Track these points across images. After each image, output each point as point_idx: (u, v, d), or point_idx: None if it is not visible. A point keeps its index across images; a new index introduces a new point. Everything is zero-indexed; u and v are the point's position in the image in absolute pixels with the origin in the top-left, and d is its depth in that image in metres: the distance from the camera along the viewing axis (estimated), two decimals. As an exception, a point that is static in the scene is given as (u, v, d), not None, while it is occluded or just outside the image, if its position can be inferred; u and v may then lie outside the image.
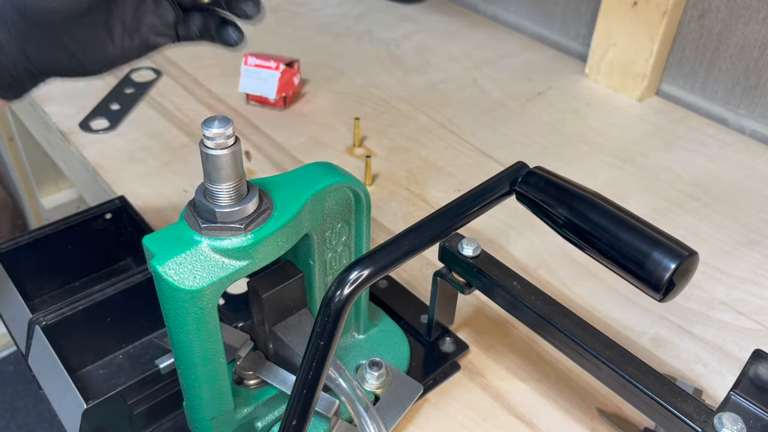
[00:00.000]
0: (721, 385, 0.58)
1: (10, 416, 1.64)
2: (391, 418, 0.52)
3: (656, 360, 0.60)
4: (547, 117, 0.93)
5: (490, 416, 0.55)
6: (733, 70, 0.90)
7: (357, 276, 0.42)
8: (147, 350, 0.63)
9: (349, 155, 0.85)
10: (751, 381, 0.43)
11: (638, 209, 0.61)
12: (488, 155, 0.86)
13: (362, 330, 0.58)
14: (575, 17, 1.07)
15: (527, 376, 0.59)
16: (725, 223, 0.76)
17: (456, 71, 1.03)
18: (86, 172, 0.84)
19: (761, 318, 0.65)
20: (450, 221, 0.46)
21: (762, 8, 0.84)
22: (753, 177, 0.83)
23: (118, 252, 0.71)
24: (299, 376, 0.43)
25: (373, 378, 0.53)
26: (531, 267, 0.69)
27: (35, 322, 0.57)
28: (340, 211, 0.50)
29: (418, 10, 1.20)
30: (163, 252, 0.41)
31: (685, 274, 0.41)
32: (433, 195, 0.79)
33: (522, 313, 0.51)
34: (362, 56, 1.06)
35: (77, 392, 0.51)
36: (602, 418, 0.55)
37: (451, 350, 0.59)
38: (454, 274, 0.55)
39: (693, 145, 0.88)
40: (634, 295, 0.66)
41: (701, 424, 0.41)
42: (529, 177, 0.47)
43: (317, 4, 1.22)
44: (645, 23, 0.91)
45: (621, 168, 0.84)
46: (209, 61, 1.03)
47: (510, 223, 0.74)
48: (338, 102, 0.95)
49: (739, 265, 0.70)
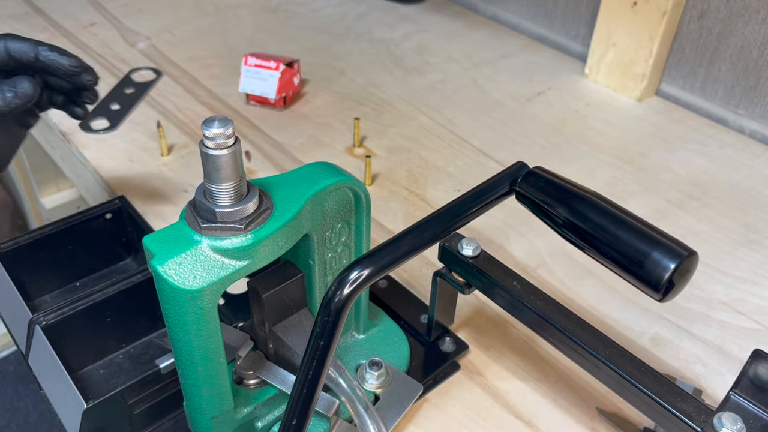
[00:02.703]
0: (720, 384, 0.58)
1: (10, 416, 1.64)
2: (391, 417, 0.52)
3: (656, 360, 0.60)
4: (547, 117, 0.93)
5: (490, 416, 0.55)
6: (732, 71, 0.90)
7: (357, 276, 0.42)
8: (147, 350, 0.63)
9: (349, 155, 0.85)
10: (751, 381, 0.43)
11: (638, 209, 0.61)
12: (488, 155, 0.86)
13: (362, 330, 0.58)
14: (575, 17, 1.07)
15: (527, 375, 0.59)
16: (725, 223, 0.76)
17: (456, 71, 1.03)
18: (86, 172, 0.84)
19: (761, 318, 0.65)
20: (450, 221, 0.46)
21: (762, 8, 0.84)
22: (752, 177, 0.83)
23: (118, 252, 0.71)
24: (299, 376, 0.43)
25: (373, 378, 0.54)
26: (531, 267, 0.69)
27: (35, 322, 0.57)
28: (340, 211, 0.50)
29: (418, 10, 1.20)
30: (163, 252, 0.41)
31: (685, 274, 0.41)
32: (433, 195, 0.79)
33: (522, 313, 0.51)
34: (362, 56, 1.06)
35: (77, 392, 0.51)
36: (602, 417, 0.55)
37: (451, 350, 0.60)
38: (454, 274, 0.55)
39: (693, 145, 0.88)
40: (633, 295, 0.66)
41: (701, 424, 0.41)
42: (528, 177, 0.47)
43: (317, 4, 1.22)
44: (645, 23, 0.91)
45: (621, 168, 0.84)
46: (209, 61, 1.03)
47: (510, 223, 0.74)
48: (338, 102, 0.95)
49: (739, 265, 0.71)
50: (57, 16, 1.13)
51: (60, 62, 0.58)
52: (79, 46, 1.05)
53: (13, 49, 0.57)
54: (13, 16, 1.13)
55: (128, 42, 1.07)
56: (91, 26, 1.11)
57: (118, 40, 1.07)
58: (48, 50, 0.57)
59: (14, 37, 0.57)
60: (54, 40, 1.06)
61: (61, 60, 0.58)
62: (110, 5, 1.18)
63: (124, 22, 1.13)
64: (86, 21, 1.12)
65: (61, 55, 0.58)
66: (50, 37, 1.07)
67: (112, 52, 1.04)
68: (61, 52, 0.58)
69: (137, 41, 1.07)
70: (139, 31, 1.10)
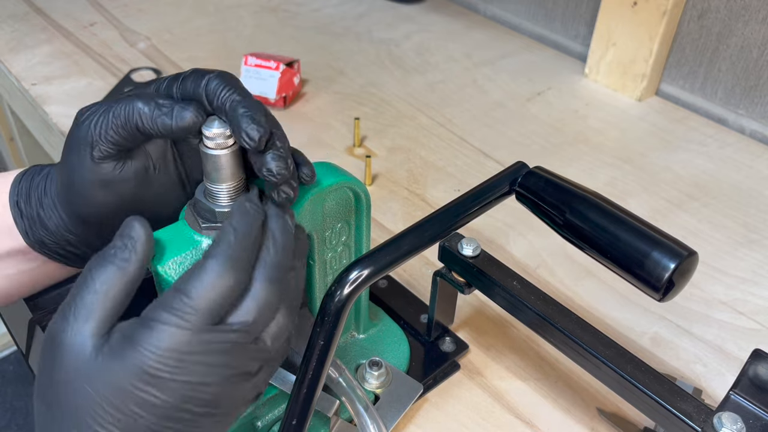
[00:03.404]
0: (720, 384, 0.58)
1: (10, 416, 1.65)
2: (391, 417, 0.52)
3: (656, 360, 0.60)
4: (547, 117, 0.93)
5: (490, 416, 0.55)
6: (732, 70, 0.90)
7: (357, 276, 0.42)
8: (147, 350, 0.63)
9: (349, 155, 0.85)
10: (751, 381, 0.43)
11: (638, 209, 0.61)
12: (488, 155, 0.86)
13: (362, 330, 0.58)
14: (575, 17, 1.07)
15: (527, 375, 0.59)
16: (725, 223, 0.76)
17: (456, 71, 1.03)
18: (86, 172, 0.84)
19: (761, 318, 0.65)
20: (450, 221, 0.46)
21: (762, 8, 0.84)
22: (752, 177, 0.83)
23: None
24: (299, 375, 0.43)
25: (373, 378, 0.54)
26: (531, 267, 0.69)
27: (35, 321, 0.57)
28: (340, 211, 0.50)
29: (418, 10, 1.20)
30: (163, 252, 0.41)
31: (685, 274, 0.41)
32: (433, 195, 0.79)
33: (522, 313, 0.51)
34: (362, 56, 1.06)
35: (77, 392, 0.51)
36: (602, 418, 0.55)
37: (451, 350, 0.60)
38: (453, 274, 0.55)
39: (693, 145, 0.88)
40: (633, 295, 0.66)
41: (701, 424, 0.41)
42: (528, 177, 0.47)
43: (317, 4, 1.22)
44: (645, 23, 0.91)
45: (621, 168, 0.84)
46: (209, 61, 1.03)
47: (510, 223, 0.74)
48: (338, 102, 0.95)
49: (739, 265, 0.71)
50: (57, 16, 1.13)
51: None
52: (79, 46, 1.05)
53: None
54: (13, 16, 1.13)
55: (128, 42, 1.07)
56: (91, 26, 1.11)
57: (118, 40, 1.07)
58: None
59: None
60: (54, 40, 1.06)
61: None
62: (110, 5, 1.18)
63: (124, 22, 1.13)
64: (86, 21, 1.12)
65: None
66: (50, 37, 1.07)
67: (112, 52, 1.04)
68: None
69: (137, 41, 1.07)
70: (139, 31, 1.10)
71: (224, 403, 0.37)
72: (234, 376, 0.37)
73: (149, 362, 0.35)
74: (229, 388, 0.37)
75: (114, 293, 0.37)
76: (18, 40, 1.06)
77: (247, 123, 0.39)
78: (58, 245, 0.49)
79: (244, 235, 0.38)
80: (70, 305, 0.36)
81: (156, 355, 0.35)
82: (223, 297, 0.36)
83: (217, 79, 0.41)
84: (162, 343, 0.35)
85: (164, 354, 0.35)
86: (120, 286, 0.37)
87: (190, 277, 0.36)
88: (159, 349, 0.35)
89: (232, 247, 0.37)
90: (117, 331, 0.36)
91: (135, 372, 0.35)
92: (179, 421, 0.36)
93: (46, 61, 1.01)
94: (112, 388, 0.35)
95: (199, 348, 0.36)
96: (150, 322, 0.36)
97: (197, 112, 0.41)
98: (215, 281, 0.36)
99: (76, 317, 0.36)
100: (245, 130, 0.38)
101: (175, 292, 0.36)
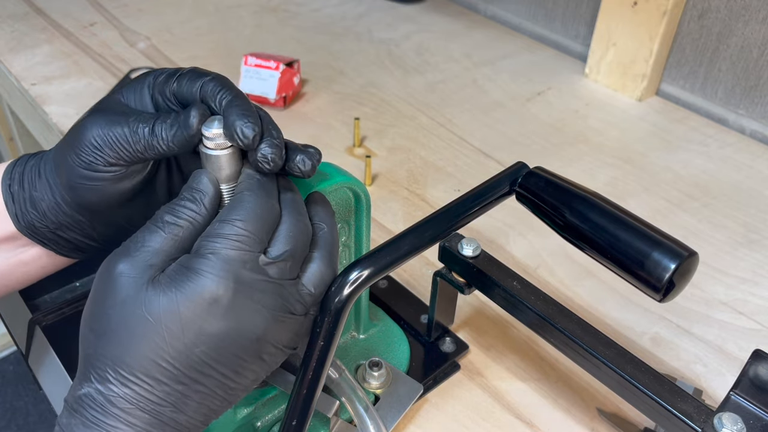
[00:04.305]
0: (721, 385, 0.58)
1: (10, 416, 1.65)
2: (391, 418, 0.52)
3: (656, 360, 0.60)
4: (547, 117, 0.93)
5: (490, 416, 0.55)
6: (732, 70, 0.90)
7: (357, 276, 0.42)
8: (147, 350, 0.63)
9: (349, 155, 0.85)
10: (751, 381, 0.43)
11: (638, 209, 0.61)
12: (488, 155, 0.86)
13: (362, 330, 0.58)
14: (575, 17, 1.07)
15: (527, 376, 0.59)
16: (725, 223, 0.76)
17: (456, 71, 1.03)
18: (86, 172, 0.84)
19: (761, 318, 0.65)
20: (450, 221, 0.46)
21: (762, 8, 0.84)
22: (753, 177, 0.83)
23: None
24: (299, 376, 0.43)
25: (373, 378, 0.54)
26: (531, 267, 0.69)
27: (35, 322, 0.57)
28: (340, 211, 0.50)
29: (418, 10, 1.20)
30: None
31: (685, 275, 0.41)
32: (433, 195, 0.79)
33: (522, 313, 0.51)
34: (362, 56, 1.06)
35: (77, 392, 0.51)
36: (602, 418, 0.55)
37: (451, 350, 0.60)
38: (454, 274, 0.55)
39: (693, 145, 0.88)
40: (633, 295, 0.66)
41: (701, 424, 0.41)
42: (529, 177, 0.47)
43: (317, 4, 1.22)
44: (645, 23, 0.91)
45: (621, 168, 0.84)
46: (209, 61, 1.03)
47: (510, 223, 0.74)
48: (338, 102, 0.95)
49: (739, 265, 0.71)
50: (57, 16, 1.13)
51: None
52: (79, 46, 1.05)
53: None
54: (13, 16, 1.13)
55: (128, 42, 1.07)
56: (91, 26, 1.11)
57: (118, 40, 1.07)
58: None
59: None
60: (54, 40, 1.06)
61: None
62: (110, 5, 1.18)
63: (124, 22, 1.13)
64: (86, 21, 1.12)
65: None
66: (50, 37, 1.07)
67: (112, 52, 1.04)
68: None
69: (137, 41, 1.07)
70: (139, 31, 1.10)
71: (271, 339, 0.39)
72: (281, 313, 0.39)
73: (210, 287, 0.36)
74: (275, 325, 0.39)
75: (179, 238, 0.38)
76: (18, 40, 1.06)
77: (241, 122, 0.40)
78: (48, 230, 0.47)
79: (265, 178, 0.41)
80: (135, 242, 0.38)
81: (215, 279, 0.36)
82: (265, 220, 0.39)
83: (212, 82, 0.42)
84: (219, 269, 0.37)
85: (223, 276, 0.37)
86: (185, 234, 0.39)
87: (231, 209, 0.38)
88: (217, 274, 0.36)
89: (260, 181, 0.40)
90: (173, 264, 0.38)
91: (195, 299, 0.36)
92: (233, 356, 0.37)
93: (45, 61, 1.01)
94: (171, 315, 0.36)
95: (251, 276, 0.37)
96: (204, 251, 0.37)
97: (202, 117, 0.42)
98: (255, 207, 0.39)
99: (139, 251, 0.38)
100: (239, 128, 0.39)
101: (221, 223, 0.38)
